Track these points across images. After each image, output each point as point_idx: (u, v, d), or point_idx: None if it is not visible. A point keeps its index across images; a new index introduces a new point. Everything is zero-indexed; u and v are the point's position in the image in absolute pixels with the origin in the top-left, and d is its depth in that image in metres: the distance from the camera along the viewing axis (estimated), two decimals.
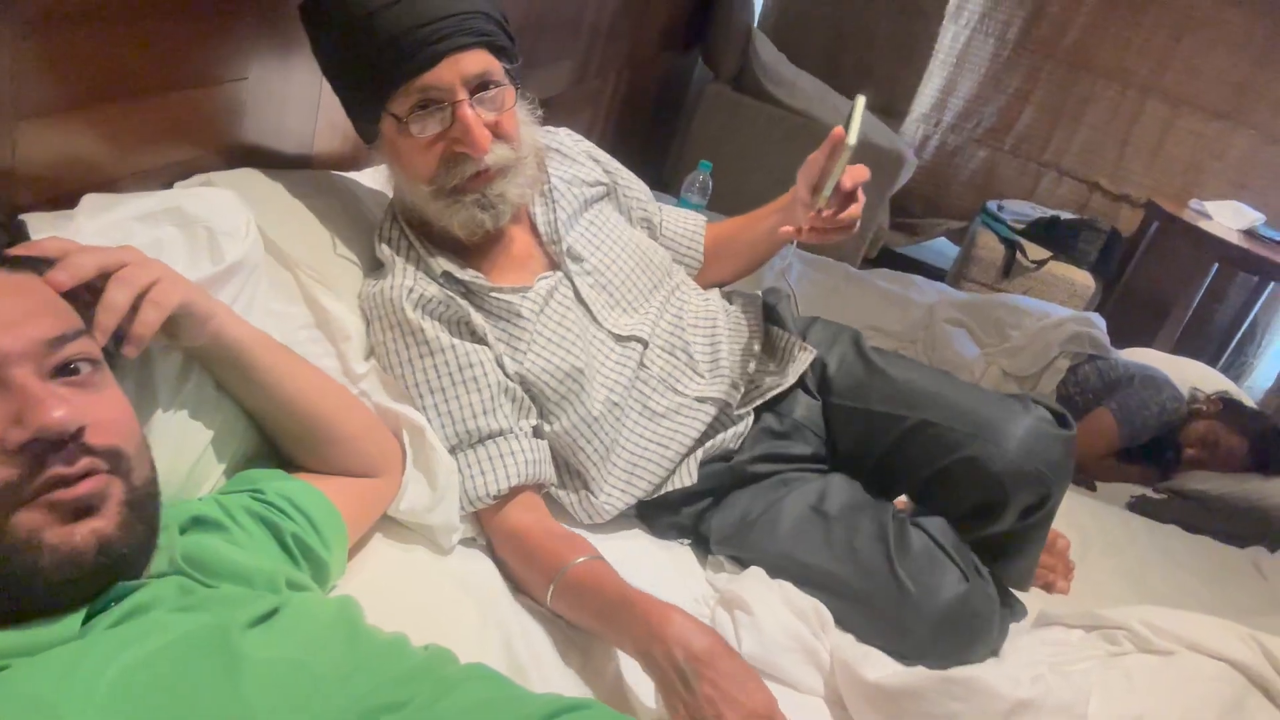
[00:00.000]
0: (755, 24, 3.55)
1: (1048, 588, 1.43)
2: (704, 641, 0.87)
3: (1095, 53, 3.77)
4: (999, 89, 3.91)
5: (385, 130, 1.09)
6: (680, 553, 1.29)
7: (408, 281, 1.11)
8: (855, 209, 1.19)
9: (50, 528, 0.61)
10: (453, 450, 1.11)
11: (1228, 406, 2.43)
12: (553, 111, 2.34)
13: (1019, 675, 0.95)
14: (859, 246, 3.47)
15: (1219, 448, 2.34)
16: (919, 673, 0.95)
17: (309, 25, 1.09)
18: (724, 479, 1.27)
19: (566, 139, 1.35)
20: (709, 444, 1.26)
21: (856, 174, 1.17)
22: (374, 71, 1.04)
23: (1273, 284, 3.71)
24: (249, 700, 0.58)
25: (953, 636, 1.09)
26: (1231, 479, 2.32)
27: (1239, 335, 3.98)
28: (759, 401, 1.30)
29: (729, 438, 1.27)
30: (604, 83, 2.70)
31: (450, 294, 1.13)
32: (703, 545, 1.29)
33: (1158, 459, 2.39)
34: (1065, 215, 3.71)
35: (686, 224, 1.46)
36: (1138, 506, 2.20)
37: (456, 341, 1.11)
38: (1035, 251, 3.56)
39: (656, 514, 1.28)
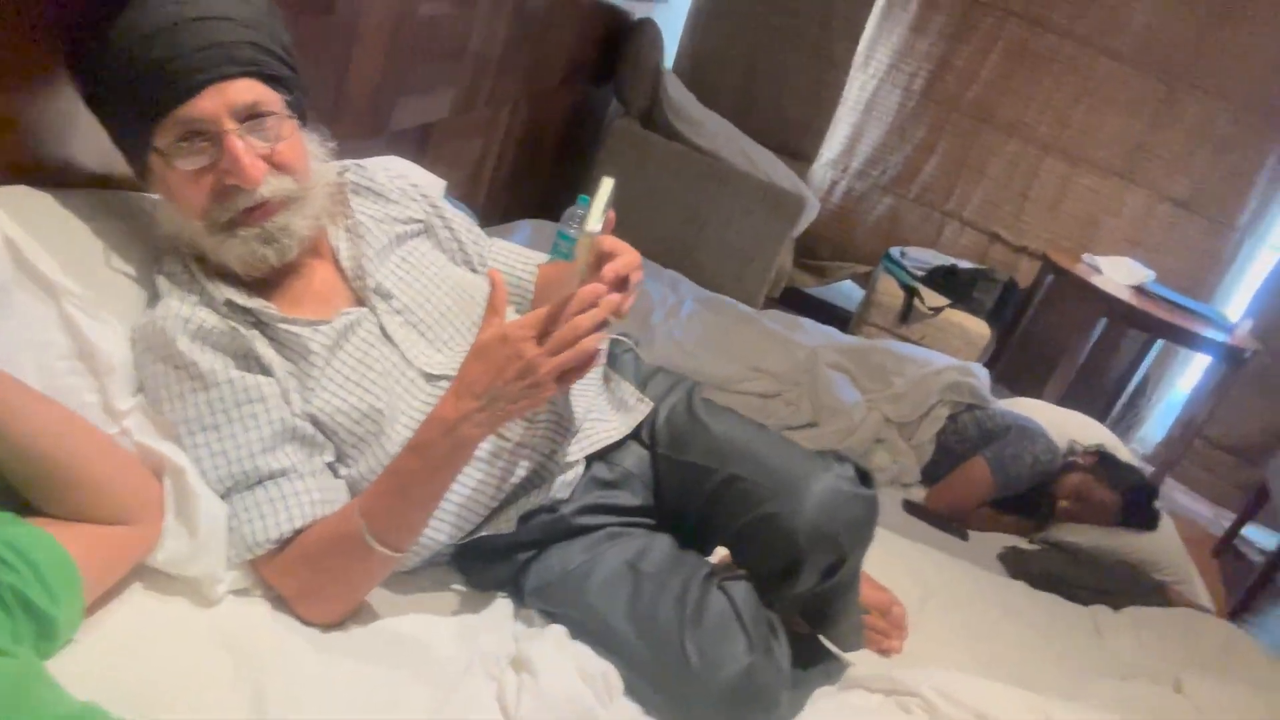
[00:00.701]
0: (670, 62, 3.56)
1: (879, 650, 1.40)
2: (449, 397, 0.99)
3: (998, 108, 3.87)
4: (905, 139, 3.98)
5: (153, 165, 1.03)
6: (495, 606, 1.23)
7: (184, 310, 1.04)
8: (617, 299, 1.02)
9: None
10: (227, 493, 1.04)
11: (1103, 460, 2.46)
12: (434, 137, 2.30)
13: None
14: (760, 287, 3.48)
15: (1091, 501, 2.37)
16: None
17: (70, 61, 1.04)
18: (549, 530, 1.22)
19: (381, 176, 1.29)
20: (533, 493, 1.21)
21: (622, 264, 1.04)
22: (136, 105, 0.99)
23: (1161, 341, 3.81)
24: None
25: (734, 711, 1.05)
26: (1102, 532, 2.34)
27: (1131, 388, 4.08)
28: (590, 450, 1.26)
29: (556, 487, 1.22)
30: (496, 113, 2.66)
31: (234, 324, 1.06)
32: (521, 598, 1.24)
33: (1031, 510, 2.41)
34: (964, 264, 3.78)
35: (514, 262, 1.41)
36: (1008, 557, 2.21)
37: (236, 375, 1.04)
38: (933, 298, 3.62)
39: (474, 564, 1.23)
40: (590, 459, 1.26)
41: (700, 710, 1.05)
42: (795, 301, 4.28)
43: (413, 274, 1.21)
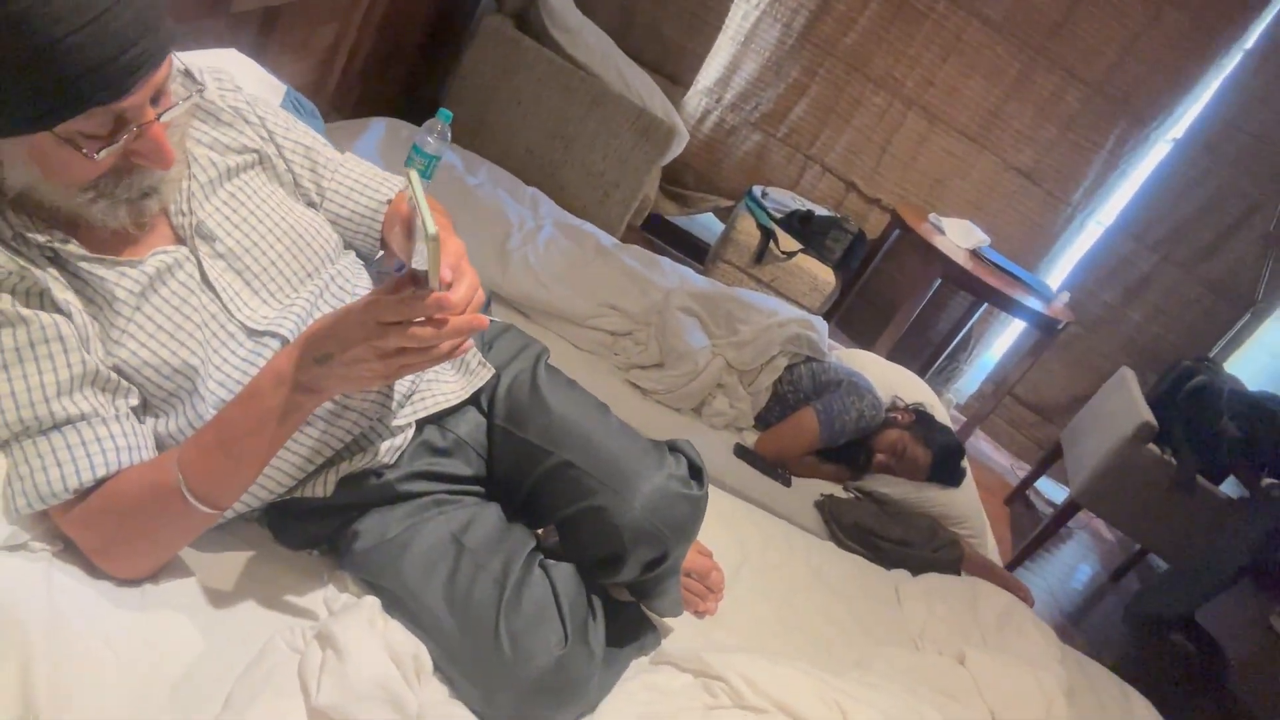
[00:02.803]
0: None
1: (695, 611, 1.45)
2: (290, 350, 0.95)
3: (870, 58, 3.90)
4: (780, 76, 3.96)
5: (36, 141, 0.86)
6: (305, 566, 1.18)
7: None
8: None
9: None
10: (14, 438, 0.93)
11: (920, 419, 2.61)
12: (283, 21, 2.09)
13: None
14: (623, 214, 3.43)
15: (905, 457, 2.51)
16: None
17: None
18: (370, 495, 1.16)
19: (213, 91, 1.13)
20: (357, 456, 1.15)
21: (464, 298, 0.93)
22: (52, 100, 0.82)
23: (986, 303, 4.04)
24: None
25: (542, 701, 1.06)
26: (913, 486, 2.51)
27: (954, 344, 4.33)
28: (422, 414, 1.20)
29: (383, 451, 1.16)
30: None
31: (24, 262, 0.93)
32: (334, 557, 1.19)
33: (851, 460, 2.54)
34: (820, 211, 3.85)
35: (359, 198, 1.26)
36: (824, 505, 2.33)
37: (27, 312, 0.92)
38: (787, 242, 3.68)
39: (286, 521, 1.16)
40: (421, 423, 1.21)
41: (506, 698, 1.05)
42: (657, 230, 4.26)
43: (241, 214, 1.09)
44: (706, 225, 4.43)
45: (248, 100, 1.18)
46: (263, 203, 1.13)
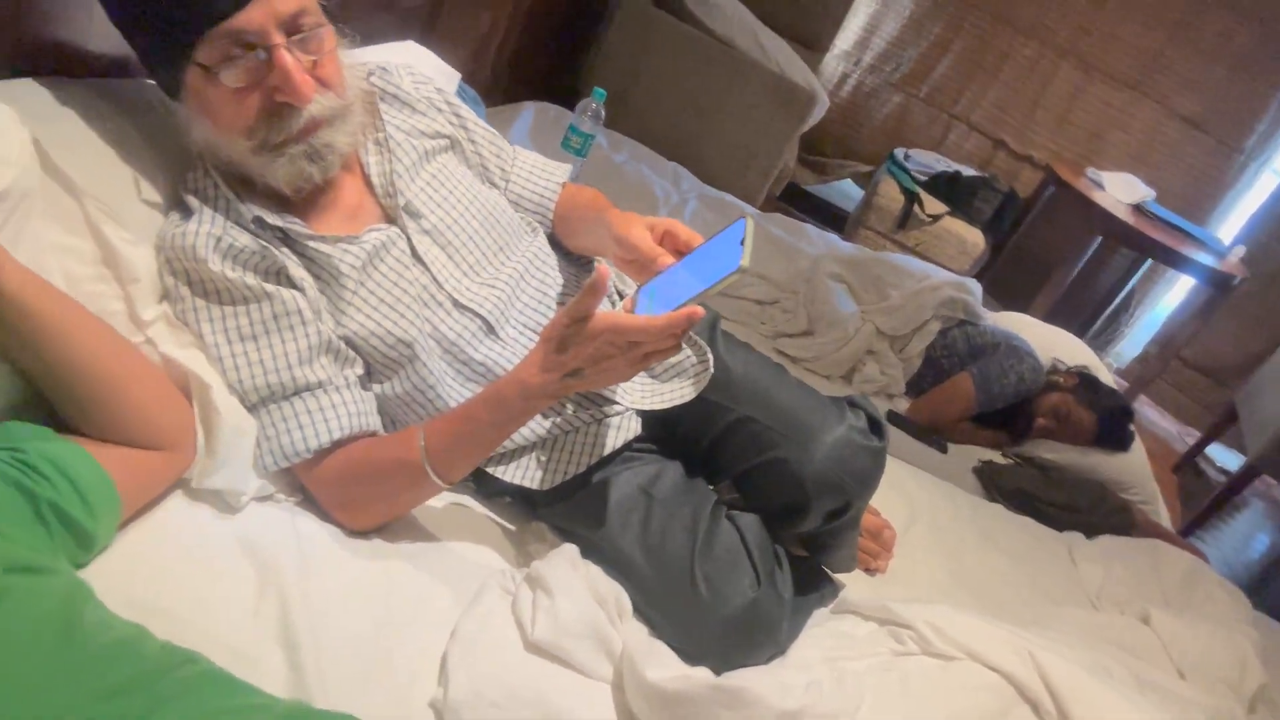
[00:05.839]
0: None
1: (867, 569, 1.47)
2: (535, 364, 1.00)
3: (1018, 8, 3.74)
4: (921, 34, 3.86)
5: (190, 82, 0.98)
6: (502, 513, 1.27)
7: (214, 229, 1.03)
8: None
9: None
10: (262, 402, 1.05)
11: (1083, 382, 2.52)
12: (446, 12, 2.20)
13: (792, 682, 0.97)
14: (763, 184, 3.43)
15: (1069, 421, 2.43)
16: (694, 677, 0.97)
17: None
18: None
19: (407, 83, 1.24)
20: (580, 454, 1.20)
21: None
22: (175, 17, 0.92)
23: (1150, 260, 3.83)
24: None
25: (737, 641, 1.11)
26: (1076, 451, 2.43)
27: (1114, 305, 4.13)
28: (647, 407, 1.24)
29: (605, 434, 1.20)
30: None
31: (264, 243, 1.05)
32: (527, 505, 1.27)
33: (1010, 425, 2.48)
34: (967, 172, 3.74)
35: (538, 180, 1.36)
36: (984, 472, 2.29)
37: (271, 289, 1.04)
38: (933, 205, 3.59)
39: (484, 472, 1.25)
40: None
41: (705, 637, 1.11)
42: (794, 199, 4.23)
43: (442, 193, 1.19)
44: (844, 192, 4.37)
45: (438, 89, 1.28)
46: (458, 184, 1.22)
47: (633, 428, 1.22)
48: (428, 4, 2.08)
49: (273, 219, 1.06)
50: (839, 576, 1.36)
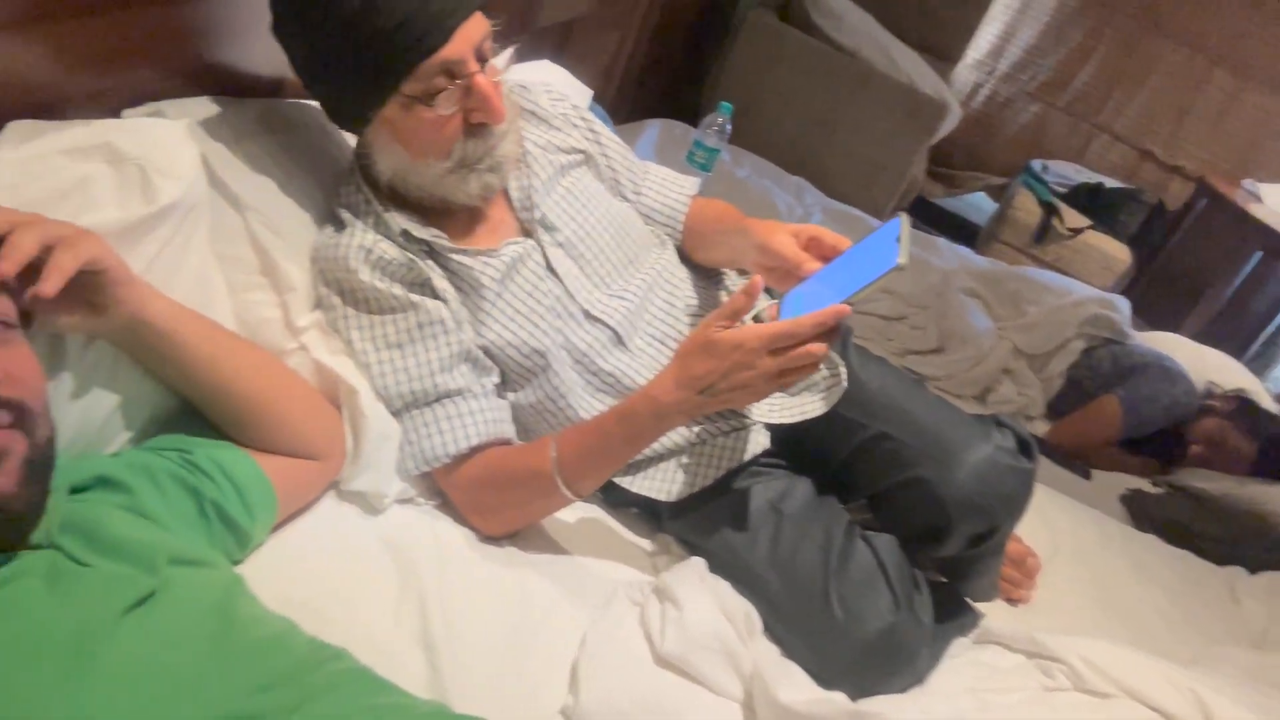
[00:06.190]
0: None
1: (1009, 599, 1.40)
2: (670, 380, 0.99)
3: (1167, 12, 3.54)
4: (1060, 41, 3.69)
5: (387, 114, 1.02)
6: (629, 524, 1.27)
7: (365, 241, 1.07)
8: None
9: None
10: (405, 408, 1.09)
11: (1242, 406, 2.35)
12: (575, 37, 2.24)
13: (936, 712, 0.93)
14: (890, 198, 3.35)
15: (1225, 448, 2.27)
16: (831, 701, 0.93)
17: (286, 38, 1.02)
18: None
19: (545, 100, 1.27)
20: (708, 466, 1.19)
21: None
22: (382, 60, 0.97)
23: None
24: (90, 704, 0.57)
25: (874, 667, 1.07)
26: (1234, 481, 2.25)
27: (1274, 325, 3.83)
28: (776, 421, 1.21)
29: (733, 448, 1.18)
30: (635, 3, 2.57)
31: (411, 255, 1.09)
32: (654, 517, 1.27)
33: (1160, 452, 2.33)
34: (1110, 183, 3.55)
35: (668, 193, 1.36)
36: (1132, 501, 2.15)
37: (416, 299, 1.08)
38: (1073, 219, 3.42)
39: (611, 484, 1.26)
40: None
41: (840, 660, 1.07)
42: (921, 213, 4.12)
43: (575, 206, 1.20)
44: (976, 205, 4.22)
45: (574, 106, 1.31)
46: (591, 198, 1.23)
47: (761, 442, 1.20)
48: (559, 27, 2.12)
49: (419, 232, 1.09)
50: (978, 605, 1.30)
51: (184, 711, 0.59)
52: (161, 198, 0.89)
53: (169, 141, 0.93)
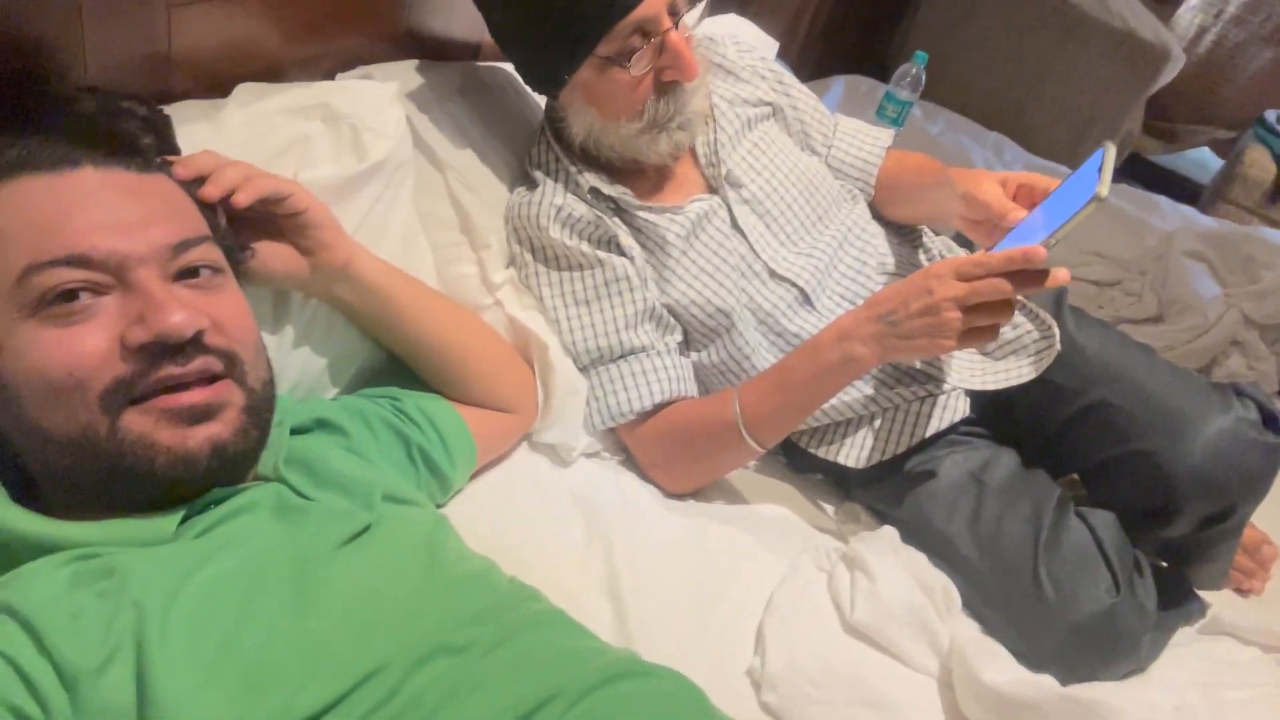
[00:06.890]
0: None
1: (1238, 589, 1.26)
2: (854, 312, 0.99)
3: None
4: None
5: (582, 76, 1.03)
6: (814, 491, 1.23)
7: (556, 199, 1.09)
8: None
9: (165, 429, 0.63)
10: (591, 364, 1.10)
11: None
12: None
13: (1159, 702, 0.84)
14: None
15: None
16: (1041, 684, 0.86)
17: (485, 4, 1.05)
18: None
19: (732, 52, 1.24)
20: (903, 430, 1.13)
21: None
22: (578, 22, 0.98)
23: None
24: (312, 629, 0.60)
25: (1088, 651, 0.98)
26: None
27: None
28: (978, 387, 1.14)
29: (929, 414, 1.11)
30: None
31: (599, 213, 1.09)
32: (840, 485, 1.22)
33: None
34: None
35: (862, 146, 1.30)
36: None
37: (604, 256, 1.09)
38: None
39: (797, 449, 1.22)
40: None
41: (1049, 643, 0.99)
42: (1138, 171, 3.78)
43: (763, 161, 1.17)
44: (1199, 161, 3.83)
45: (762, 58, 1.27)
46: (779, 152, 1.20)
47: (960, 409, 1.13)
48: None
49: (607, 189, 1.10)
50: (1204, 594, 1.18)
51: (397, 640, 0.61)
52: (372, 154, 0.93)
53: (379, 102, 0.98)
